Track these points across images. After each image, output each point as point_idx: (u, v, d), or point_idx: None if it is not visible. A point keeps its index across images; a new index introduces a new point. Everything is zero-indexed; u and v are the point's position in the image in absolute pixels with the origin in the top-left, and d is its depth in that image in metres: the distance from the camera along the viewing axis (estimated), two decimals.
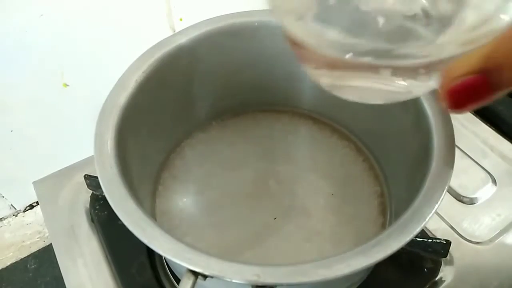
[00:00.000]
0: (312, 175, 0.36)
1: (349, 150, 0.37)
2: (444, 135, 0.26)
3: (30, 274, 0.49)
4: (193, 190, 0.35)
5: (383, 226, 0.32)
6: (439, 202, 0.23)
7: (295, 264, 0.21)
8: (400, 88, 0.16)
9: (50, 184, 0.41)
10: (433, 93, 0.28)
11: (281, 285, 0.21)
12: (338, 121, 0.39)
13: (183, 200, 0.35)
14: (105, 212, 0.38)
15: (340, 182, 0.35)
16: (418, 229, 0.22)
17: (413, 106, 0.29)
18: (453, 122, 0.45)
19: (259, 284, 0.20)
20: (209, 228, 0.33)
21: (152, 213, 0.33)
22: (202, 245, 0.31)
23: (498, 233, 0.37)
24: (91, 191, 0.39)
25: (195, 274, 0.21)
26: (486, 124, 0.46)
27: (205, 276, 0.21)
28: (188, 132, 0.38)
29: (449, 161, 0.24)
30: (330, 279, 0.20)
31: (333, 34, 0.15)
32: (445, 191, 0.23)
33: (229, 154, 0.37)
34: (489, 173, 0.41)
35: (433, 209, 0.22)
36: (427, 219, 0.22)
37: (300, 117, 0.40)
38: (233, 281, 0.20)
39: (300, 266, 0.21)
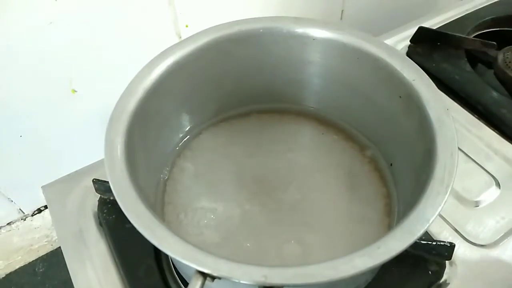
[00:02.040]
0: (318, 176, 0.36)
1: (354, 151, 0.38)
2: (446, 139, 0.26)
3: (38, 278, 0.50)
4: (200, 192, 0.36)
5: (389, 227, 0.33)
6: (442, 205, 0.23)
7: (302, 265, 0.21)
8: None
9: (58, 188, 0.42)
10: (438, 97, 0.29)
11: (288, 285, 0.21)
12: (342, 123, 0.39)
13: (190, 202, 0.35)
14: (113, 216, 0.39)
15: (346, 183, 0.36)
16: (422, 231, 0.22)
17: (416, 110, 0.29)
18: (457, 126, 0.46)
19: (267, 285, 0.21)
20: (216, 229, 0.33)
21: (160, 215, 0.34)
22: (211, 247, 0.32)
23: (502, 235, 0.37)
24: (99, 195, 0.39)
25: (204, 275, 0.21)
26: (490, 127, 0.46)
27: (213, 278, 0.22)
28: (195, 135, 0.39)
29: (452, 165, 0.25)
30: (336, 280, 0.21)
31: None
32: (448, 194, 0.23)
33: (235, 156, 0.38)
34: (493, 176, 0.42)
35: (436, 211, 0.23)
36: (430, 221, 0.22)
37: (305, 118, 0.40)
38: (241, 282, 0.21)
39: (307, 267, 0.21)
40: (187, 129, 0.38)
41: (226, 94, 0.38)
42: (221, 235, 0.33)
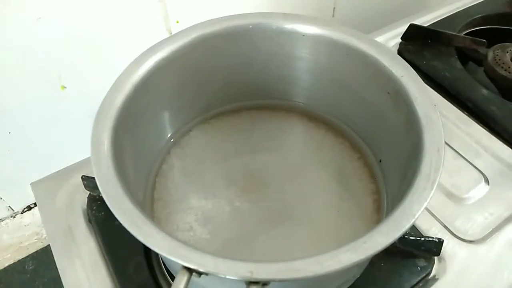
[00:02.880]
0: (307, 172, 0.36)
1: (344, 147, 0.38)
2: (433, 135, 0.26)
3: (28, 275, 0.50)
4: (190, 189, 0.36)
5: (378, 223, 0.33)
6: (428, 200, 0.23)
7: (288, 261, 0.21)
8: None
9: (48, 185, 0.41)
10: (425, 93, 0.29)
11: (274, 281, 0.21)
12: (332, 119, 0.39)
13: (180, 199, 0.35)
14: (102, 213, 0.38)
15: (335, 179, 0.36)
16: (407, 226, 0.22)
17: (404, 106, 0.29)
18: (447, 123, 0.46)
19: (252, 280, 0.21)
20: (205, 225, 0.33)
21: (149, 211, 0.34)
22: (200, 243, 0.32)
23: (490, 231, 0.38)
24: (89, 192, 0.39)
25: (190, 271, 0.21)
26: (479, 124, 0.46)
27: (199, 273, 0.22)
28: (184, 132, 0.39)
29: (438, 161, 0.25)
30: (321, 275, 0.21)
31: None
32: (433, 189, 0.24)
33: (225, 153, 0.38)
34: (482, 172, 0.42)
35: (422, 206, 0.23)
36: (416, 216, 0.22)
37: (295, 114, 0.40)
38: (227, 277, 0.21)
39: (292, 263, 0.21)
40: (176, 126, 0.38)
41: (215, 90, 0.38)
42: (210, 231, 0.33)
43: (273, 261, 0.21)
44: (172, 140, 0.38)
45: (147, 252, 0.36)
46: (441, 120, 0.27)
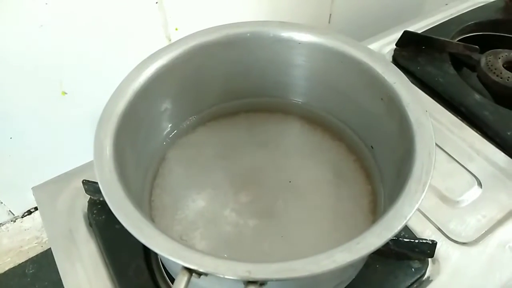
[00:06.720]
0: (304, 174, 0.37)
1: (340, 149, 0.38)
2: (425, 139, 0.27)
3: (28, 279, 0.50)
4: (188, 191, 0.36)
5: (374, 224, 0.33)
6: (419, 202, 0.24)
7: (285, 261, 0.22)
8: None
9: (49, 190, 0.42)
10: (417, 99, 0.30)
11: (272, 280, 0.22)
12: (329, 122, 0.40)
13: (179, 201, 0.36)
14: (103, 216, 0.39)
15: (332, 181, 0.36)
16: (399, 227, 0.23)
17: (397, 112, 0.30)
18: (441, 127, 0.47)
19: (251, 280, 0.21)
20: (203, 226, 0.34)
21: (149, 214, 0.34)
22: (198, 243, 0.33)
23: (483, 233, 0.39)
24: (89, 196, 0.40)
25: (190, 271, 0.22)
26: (473, 129, 0.47)
27: (199, 274, 0.22)
28: (184, 135, 0.39)
29: (429, 164, 0.26)
30: (317, 274, 0.21)
31: None
32: (424, 192, 0.24)
33: (223, 156, 0.38)
34: (475, 176, 0.43)
35: (413, 208, 0.24)
36: (408, 218, 0.23)
37: (292, 117, 0.41)
38: (226, 277, 0.21)
39: (289, 263, 0.22)
40: (175, 129, 0.39)
41: (214, 95, 0.39)
42: (208, 232, 0.33)
43: (271, 261, 0.22)
44: (171, 143, 0.39)
45: (147, 255, 0.37)
46: (433, 125, 0.28)
